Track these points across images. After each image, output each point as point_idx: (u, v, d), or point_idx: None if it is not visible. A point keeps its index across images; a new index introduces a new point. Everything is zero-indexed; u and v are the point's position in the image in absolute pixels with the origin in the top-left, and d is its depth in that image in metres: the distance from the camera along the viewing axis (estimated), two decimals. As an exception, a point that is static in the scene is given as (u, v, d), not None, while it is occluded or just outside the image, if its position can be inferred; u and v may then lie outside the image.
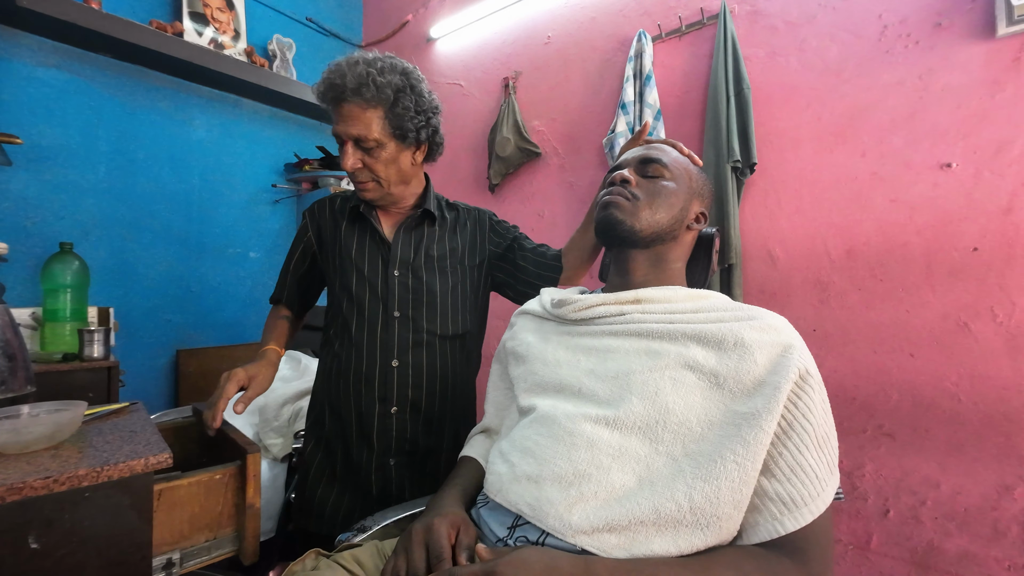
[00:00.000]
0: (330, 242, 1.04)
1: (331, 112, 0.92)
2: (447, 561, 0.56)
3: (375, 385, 0.96)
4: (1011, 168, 1.10)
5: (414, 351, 0.97)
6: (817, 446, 0.54)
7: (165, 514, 0.69)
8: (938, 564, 1.15)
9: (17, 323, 0.84)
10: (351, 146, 0.91)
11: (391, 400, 0.95)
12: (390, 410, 0.95)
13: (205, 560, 0.73)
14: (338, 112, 0.90)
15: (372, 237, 1.01)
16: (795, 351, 0.58)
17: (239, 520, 0.77)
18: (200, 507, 0.73)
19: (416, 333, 0.97)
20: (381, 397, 0.95)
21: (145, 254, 1.97)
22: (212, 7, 2.08)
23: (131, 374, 1.82)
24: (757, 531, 0.53)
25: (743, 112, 1.40)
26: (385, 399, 0.96)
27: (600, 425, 0.60)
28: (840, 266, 1.30)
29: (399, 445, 0.96)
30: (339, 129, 0.91)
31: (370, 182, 0.95)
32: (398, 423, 0.96)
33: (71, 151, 1.80)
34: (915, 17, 1.22)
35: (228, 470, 0.77)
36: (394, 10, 2.55)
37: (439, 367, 0.99)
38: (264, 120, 2.35)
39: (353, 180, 0.95)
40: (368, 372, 0.96)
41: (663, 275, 0.76)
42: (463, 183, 2.23)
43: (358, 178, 0.94)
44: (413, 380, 0.97)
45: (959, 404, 1.14)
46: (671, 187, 0.75)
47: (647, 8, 1.67)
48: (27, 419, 0.66)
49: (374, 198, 0.97)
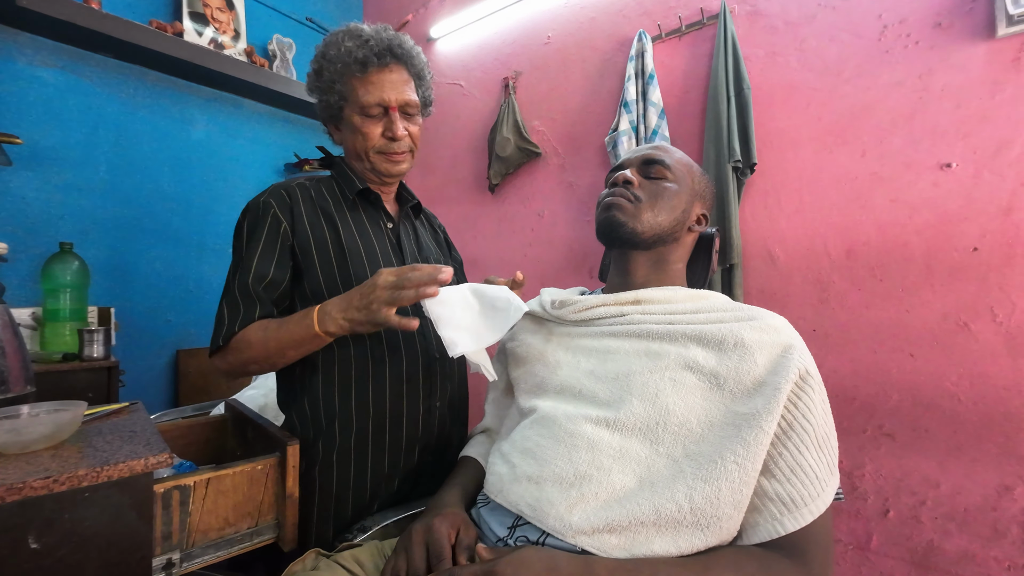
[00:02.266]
0: (320, 236, 0.87)
1: (357, 76, 0.86)
2: (447, 561, 0.56)
3: (419, 382, 0.89)
4: (1011, 168, 1.10)
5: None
6: (817, 446, 0.54)
7: (212, 502, 0.72)
8: (938, 564, 1.15)
9: (17, 323, 0.84)
10: (398, 112, 0.88)
11: (435, 395, 0.92)
12: (435, 404, 0.91)
13: (247, 546, 0.76)
14: (379, 76, 0.86)
15: (378, 226, 0.94)
16: (795, 351, 0.58)
17: (279, 509, 0.80)
18: (243, 496, 0.76)
19: None
20: (427, 393, 0.90)
21: (145, 254, 1.97)
22: (212, 7, 2.08)
23: (131, 374, 1.82)
24: (757, 531, 0.53)
25: (743, 112, 1.40)
26: (431, 394, 0.91)
27: (601, 426, 0.60)
28: (840, 266, 1.30)
29: (438, 442, 0.93)
30: (387, 96, 0.86)
31: (407, 152, 0.91)
32: (439, 419, 0.93)
33: (71, 151, 1.80)
34: (915, 17, 1.22)
35: (269, 461, 0.79)
36: (394, 10, 2.55)
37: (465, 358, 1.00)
38: (264, 120, 2.35)
39: (388, 151, 0.89)
40: (411, 371, 0.88)
41: (664, 276, 0.76)
42: (463, 183, 2.23)
43: (399, 148, 0.89)
44: (449, 372, 0.95)
45: (959, 404, 1.14)
46: (673, 188, 0.75)
47: (647, 8, 1.67)
48: (27, 419, 0.66)
49: (404, 170, 0.93)
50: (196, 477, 0.71)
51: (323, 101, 0.91)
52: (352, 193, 0.92)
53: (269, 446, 0.84)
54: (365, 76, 0.86)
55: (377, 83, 0.86)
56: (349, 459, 0.85)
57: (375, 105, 0.86)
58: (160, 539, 0.67)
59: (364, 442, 0.86)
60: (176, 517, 0.69)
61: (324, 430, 0.85)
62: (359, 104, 0.86)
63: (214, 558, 0.72)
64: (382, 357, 0.87)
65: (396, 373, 0.87)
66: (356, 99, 0.86)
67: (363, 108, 0.86)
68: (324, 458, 0.85)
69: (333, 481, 0.84)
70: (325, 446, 0.85)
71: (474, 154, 2.19)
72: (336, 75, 0.87)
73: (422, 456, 0.90)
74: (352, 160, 0.96)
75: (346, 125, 0.91)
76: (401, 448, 0.88)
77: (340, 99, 0.89)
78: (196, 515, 0.71)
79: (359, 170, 0.95)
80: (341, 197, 0.92)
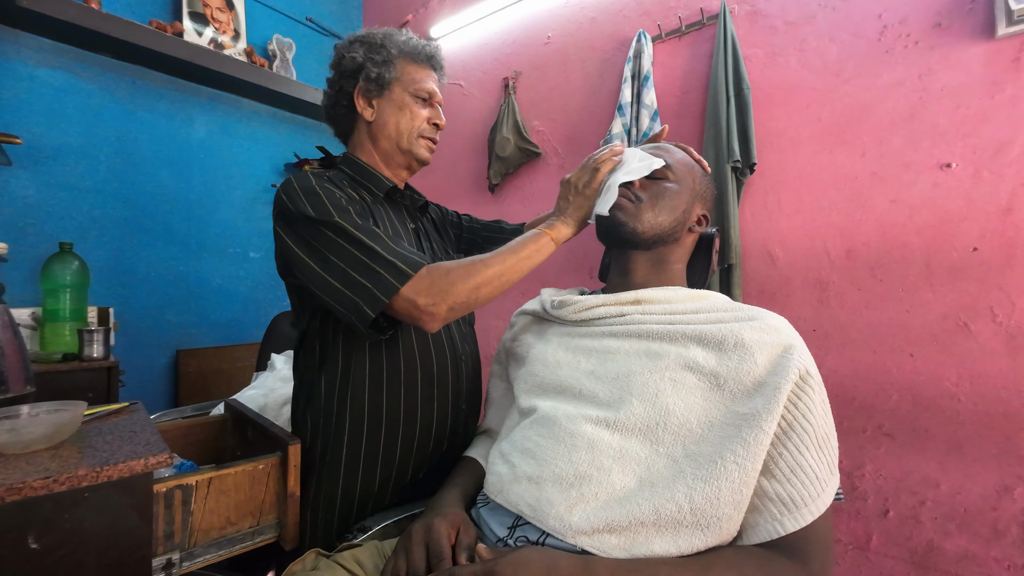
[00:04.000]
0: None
1: (418, 64, 0.93)
2: (447, 561, 0.56)
3: (449, 384, 0.89)
4: (1011, 168, 1.10)
5: (470, 344, 0.98)
6: (817, 447, 0.54)
7: (214, 501, 0.73)
8: (938, 564, 1.15)
9: (17, 323, 0.84)
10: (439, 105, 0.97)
11: (462, 396, 0.92)
12: (460, 406, 0.92)
13: (248, 545, 0.77)
14: (432, 74, 0.95)
15: (404, 227, 0.93)
16: (795, 352, 0.58)
17: (280, 508, 0.80)
18: (245, 495, 0.76)
19: (467, 326, 1.00)
20: (455, 395, 0.91)
21: (145, 254, 1.97)
22: (212, 7, 2.08)
23: (131, 374, 1.82)
24: (757, 531, 0.53)
25: (743, 112, 1.39)
26: (458, 395, 0.92)
27: (601, 427, 0.60)
28: (840, 266, 1.30)
29: (462, 440, 0.92)
30: (436, 90, 0.96)
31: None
32: (464, 418, 0.94)
33: (71, 151, 1.80)
34: (915, 17, 1.22)
35: (271, 460, 0.80)
36: (394, 10, 2.55)
37: (478, 356, 1.01)
38: (264, 120, 2.35)
39: (426, 137, 0.95)
40: (440, 373, 0.88)
41: (664, 276, 0.76)
42: (463, 183, 2.23)
43: (435, 136, 0.96)
44: (473, 373, 0.97)
45: (959, 404, 1.14)
46: (674, 189, 0.75)
47: (647, 8, 1.67)
48: (27, 419, 0.66)
49: (430, 159, 0.98)
50: (198, 476, 0.71)
51: (375, 74, 0.91)
52: (381, 191, 0.92)
53: (270, 446, 0.85)
54: (424, 67, 0.94)
55: (430, 77, 0.95)
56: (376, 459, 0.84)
57: (427, 93, 0.93)
58: (162, 538, 0.67)
59: (393, 444, 0.85)
60: (178, 516, 0.69)
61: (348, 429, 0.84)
62: (414, 86, 0.92)
63: (215, 557, 0.72)
64: (413, 358, 0.86)
65: (427, 376, 0.87)
66: (412, 81, 0.92)
67: (417, 91, 0.92)
68: (349, 457, 0.83)
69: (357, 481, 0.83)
70: (350, 445, 0.83)
71: (474, 154, 2.19)
72: (400, 53, 0.92)
73: (445, 456, 0.90)
74: (375, 145, 0.94)
75: (390, 103, 0.92)
76: (428, 449, 0.88)
77: (394, 76, 0.92)
78: (198, 514, 0.71)
79: (375, 163, 0.95)
80: (368, 194, 0.91)
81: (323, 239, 0.75)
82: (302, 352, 0.91)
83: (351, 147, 0.98)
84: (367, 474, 0.84)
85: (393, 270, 0.72)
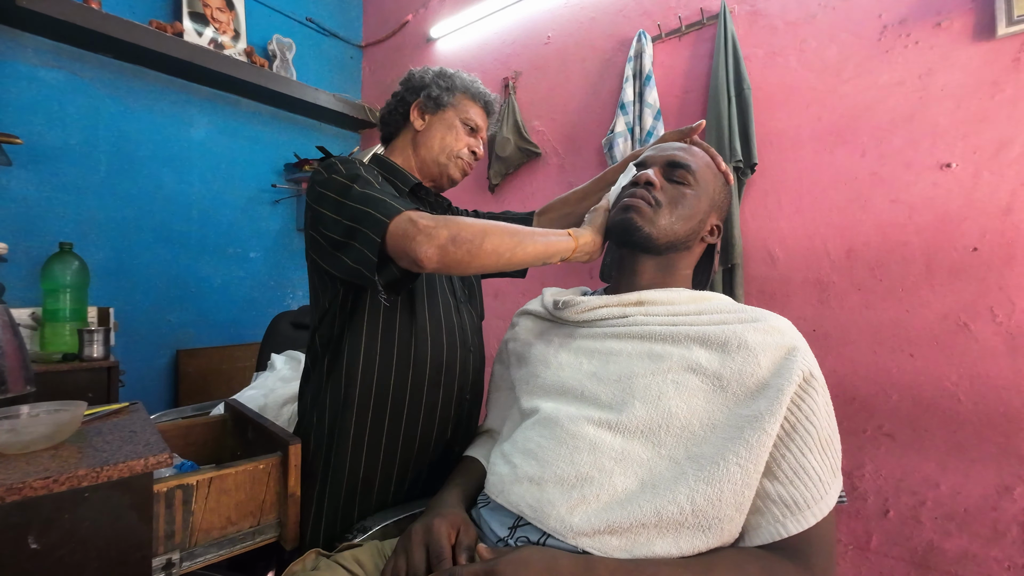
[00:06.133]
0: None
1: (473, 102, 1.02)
2: (447, 561, 0.56)
3: (456, 373, 0.92)
4: (1011, 168, 1.10)
5: (479, 338, 1.01)
6: (820, 449, 0.54)
7: (215, 500, 0.73)
8: (938, 564, 1.15)
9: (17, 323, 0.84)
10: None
11: (467, 387, 0.95)
12: (465, 397, 0.95)
13: (248, 545, 0.77)
14: (484, 115, 1.04)
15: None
16: (799, 353, 0.57)
17: (280, 508, 0.80)
18: (246, 495, 0.76)
19: (477, 319, 1.03)
20: (461, 385, 0.93)
21: (145, 254, 1.97)
22: (212, 7, 2.08)
23: (131, 374, 1.82)
24: (759, 533, 0.53)
25: (744, 112, 1.39)
26: (464, 386, 0.94)
27: (603, 428, 0.60)
28: (840, 266, 1.30)
29: (464, 431, 0.95)
30: (483, 125, 1.05)
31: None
32: (468, 410, 0.96)
33: (71, 151, 1.79)
34: (915, 17, 1.22)
35: (271, 460, 0.80)
36: (394, 10, 2.55)
37: (484, 352, 1.03)
38: (264, 120, 2.35)
39: (467, 160, 1.02)
40: (450, 360, 0.91)
41: (669, 280, 0.76)
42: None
43: (471, 163, 1.04)
44: (478, 367, 0.99)
45: (959, 404, 1.14)
46: (693, 196, 0.74)
47: (647, 8, 1.67)
48: (27, 419, 0.65)
49: (458, 183, 1.05)
50: (199, 476, 0.71)
51: (436, 94, 1.00)
52: (407, 186, 0.97)
53: (270, 446, 0.85)
54: (479, 106, 1.03)
55: (481, 116, 1.04)
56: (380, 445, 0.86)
57: (475, 124, 1.02)
58: (163, 538, 0.67)
59: (397, 428, 0.87)
60: (179, 516, 0.69)
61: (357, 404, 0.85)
62: (467, 114, 1.01)
63: (216, 557, 0.72)
64: (425, 341, 0.88)
65: (436, 361, 0.90)
66: (465, 110, 1.01)
67: (467, 120, 1.01)
68: (355, 444, 0.85)
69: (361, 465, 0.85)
70: (356, 432, 0.85)
71: (474, 154, 2.18)
72: (463, 88, 1.02)
73: (448, 447, 0.93)
74: (415, 151, 1.00)
75: (441, 120, 1.00)
76: (432, 436, 0.90)
77: (451, 102, 1.01)
78: (199, 514, 0.71)
79: (409, 168, 1.00)
80: (394, 189, 0.92)
81: (346, 192, 0.76)
82: (316, 337, 0.92)
83: (390, 150, 1.04)
84: (371, 455, 0.85)
85: (399, 203, 0.73)
